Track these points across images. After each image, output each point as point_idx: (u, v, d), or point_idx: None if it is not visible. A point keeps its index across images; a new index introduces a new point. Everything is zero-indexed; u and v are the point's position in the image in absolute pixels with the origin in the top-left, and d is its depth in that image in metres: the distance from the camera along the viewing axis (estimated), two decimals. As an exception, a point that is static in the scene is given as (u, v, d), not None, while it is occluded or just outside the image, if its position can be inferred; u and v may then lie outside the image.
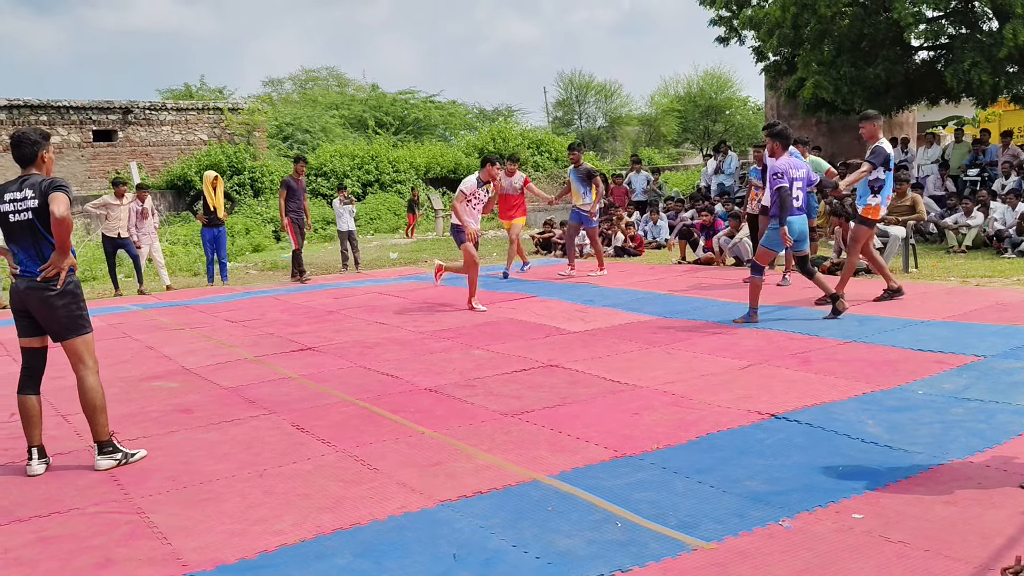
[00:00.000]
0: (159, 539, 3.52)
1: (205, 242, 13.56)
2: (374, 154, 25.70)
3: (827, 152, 17.46)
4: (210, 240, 13.48)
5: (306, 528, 3.53)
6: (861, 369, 5.73)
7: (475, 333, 7.90)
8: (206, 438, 4.95)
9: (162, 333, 8.91)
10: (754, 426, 4.61)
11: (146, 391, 6.26)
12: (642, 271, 12.21)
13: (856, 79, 15.51)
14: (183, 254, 17.27)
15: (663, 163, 34.01)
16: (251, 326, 9.04)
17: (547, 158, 28.63)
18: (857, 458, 4.04)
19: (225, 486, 4.10)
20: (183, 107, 23.55)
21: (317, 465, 4.35)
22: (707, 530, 3.31)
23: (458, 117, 37.46)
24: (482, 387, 5.82)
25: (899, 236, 10.79)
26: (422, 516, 3.61)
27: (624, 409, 5.07)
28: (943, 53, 15.97)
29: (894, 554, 3.03)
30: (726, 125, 41.79)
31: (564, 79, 46.69)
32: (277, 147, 27.57)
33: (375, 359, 6.96)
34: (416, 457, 4.39)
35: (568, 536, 3.33)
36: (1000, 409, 4.65)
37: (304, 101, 34.48)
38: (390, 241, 20.60)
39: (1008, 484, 3.60)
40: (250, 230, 20.38)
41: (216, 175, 13.54)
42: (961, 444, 4.13)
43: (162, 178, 22.06)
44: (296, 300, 11.03)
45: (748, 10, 17.40)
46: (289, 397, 5.83)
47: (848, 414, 4.72)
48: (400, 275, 13.59)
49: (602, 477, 3.94)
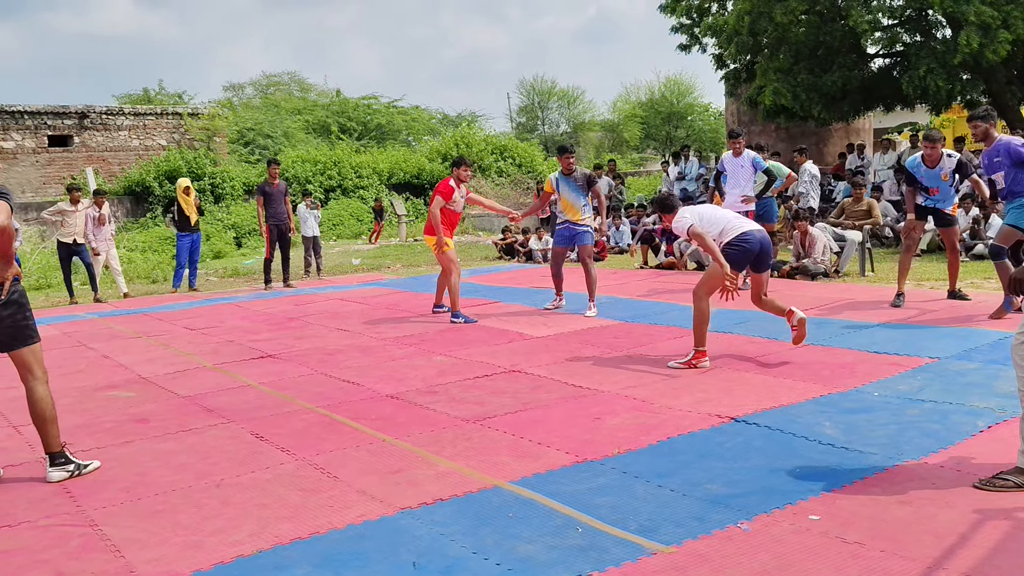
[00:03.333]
0: (112, 552, 3.44)
1: (181, 248, 13.38)
2: (337, 160, 25.55)
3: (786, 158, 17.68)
4: (188, 245, 13.32)
5: (264, 538, 3.48)
6: (819, 372, 5.80)
7: (437, 339, 7.87)
8: (162, 448, 4.87)
9: (118, 342, 8.75)
10: (714, 429, 4.64)
11: (101, 401, 6.14)
12: (604, 276, 12.25)
13: (813, 86, 15.77)
14: (141, 261, 17.01)
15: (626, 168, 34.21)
16: (210, 334, 8.91)
17: (511, 164, 28.65)
18: (815, 460, 4.08)
19: (181, 497, 4.03)
20: (141, 112, 23.21)
21: (276, 474, 4.29)
22: (667, 534, 3.32)
23: (421, 122, 37.37)
24: (444, 393, 5.79)
25: (856, 240, 10.97)
26: (382, 524, 3.57)
27: (586, 414, 5.08)
28: (898, 60, 16.29)
29: (850, 554, 3.07)
30: (688, 131, 42.20)
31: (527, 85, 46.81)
32: (238, 152, 27.27)
33: (336, 366, 6.90)
34: (377, 465, 4.35)
35: (529, 542, 3.32)
36: (954, 410, 4.73)
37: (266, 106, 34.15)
38: (353, 247, 20.47)
39: (962, 484, 3.66)
40: (211, 236, 20.13)
41: (188, 184, 13.40)
42: (916, 445, 4.19)
43: (119, 184, 21.71)
44: (257, 307, 10.91)
45: (708, 18, 17.61)
46: (248, 405, 5.76)
47: (806, 416, 4.78)
48: (363, 281, 13.51)
49: (563, 482, 3.94)
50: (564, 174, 9.07)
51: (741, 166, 9.88)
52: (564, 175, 9.06)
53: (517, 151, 29.55)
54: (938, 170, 7.87)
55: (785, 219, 12.96)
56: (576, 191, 9.00)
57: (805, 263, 10.73)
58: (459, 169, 8.99)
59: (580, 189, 9.00)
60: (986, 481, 3.61)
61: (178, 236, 13.42)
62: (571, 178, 9.01)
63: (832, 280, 10.51)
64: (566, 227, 9.14)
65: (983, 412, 4.64)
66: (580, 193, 9.00)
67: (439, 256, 8.96)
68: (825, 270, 10.70)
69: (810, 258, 10.76)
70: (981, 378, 5.36)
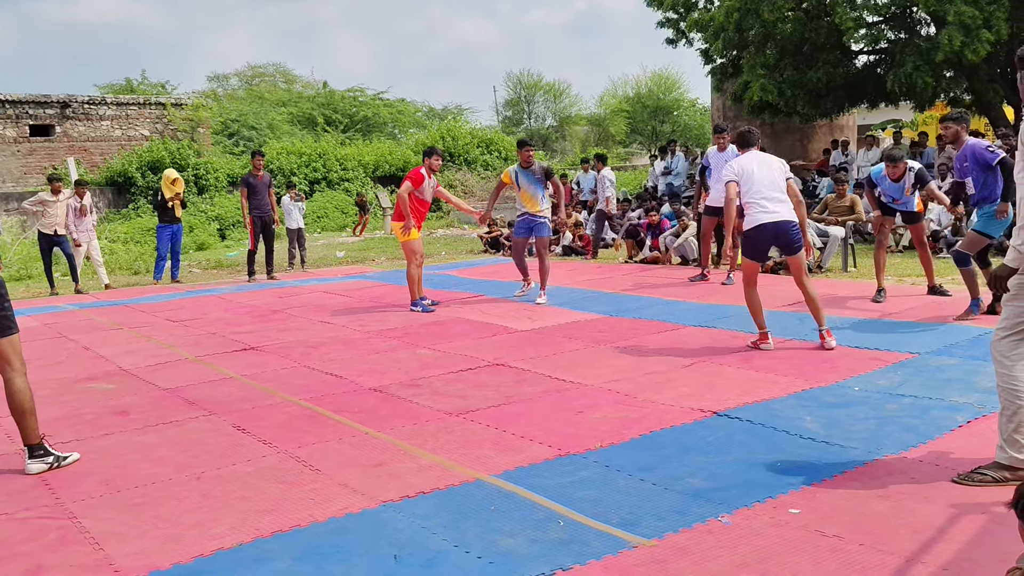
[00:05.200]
0: (91, 545, 3.42)
1: (162, 239, 13.30)
2: (322, 152, 25.42)
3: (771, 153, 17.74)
4: (168, 236, 13.24)
5: (244, 531, 3.46)
6: (801, 366, 5.83)
7: (421, 332, 7.86)
8: (142, 440, 4.84)
9: (99, 333, 8.69)
10: (697, 424, 4.66)
11: (81, 393, 6.10)
12: (589, 270, 12.28)
13: (798, 82, 15.82)
14: (123, 252, 16.88)
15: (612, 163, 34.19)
16: (193, 326, 8.86)
17: (496, 157, 28.60)
18: (795, 454, 4.11)
19: (161, 490, 4.01)
20: (124, 102, 23.00)
21: (257, 467, 4.27)
22: (648, 527, 3.33)
23: (407, 115, 37.26)
24: (427, 386, 5.78)
25: (839, 236, 11.02)
26: (364, 517, 3.57)
27: (569, 408, 5.09)
28: (883, 57, 16.37)
29: (829, 548, 3.09)
30: (674, 126, 42.25)
31: (513, 78, 46.74)
32: (222, 144, 27.09)
33: (319, 359, 6.88)
34: (359, 458, 4.34)
35: (510, 535, 3.32)
36: (933, 405, 4.77)
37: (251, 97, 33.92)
38: (337, 239, 20.40)
39: (940, 479, 3.69)
40: (194, 228, 20.00)
41: (177, 176, 13.31)
42: (895, 439, 4.23)
43: (101, 174, 21.53)
44: (240, 299, 10.85)
45: (695, 13, 17.63)
46: (230, 398, 5.73)
47: (787, 411, 4.80)
48: (347, 274, 13.47)
49: (545, 476, 3.95)
50: (523, 167, 9.30)
51: (726, 161, 9.88)
52: (523, 168, 9.30)
53: (503, 144, 29.50)
54: (901, 184, 7.97)
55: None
56: (535, 184, 9.27)
57: (788, 258, 10.76)
58: (430, 159, 9.08)
59: (539, 182, 9.28)
60: (964, 476, 3.65)
61: (159, 227, 13.35)
62: (530, 171, 9.28)
63: (815, 275, 10.56)
64: (525, 218, 9.43)
65: (962, 407, 4.68)
66: (539, 185, 9.29)
67: (403, 243, 9.08)
68: (808, 265, 10.73)
69: (793, 254, 10.79)
70: (960, 373, 5.40)
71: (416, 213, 9.02)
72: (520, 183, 9.30)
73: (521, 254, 9.73)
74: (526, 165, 9.29)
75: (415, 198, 9.00)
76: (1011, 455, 3.57)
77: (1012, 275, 3.54)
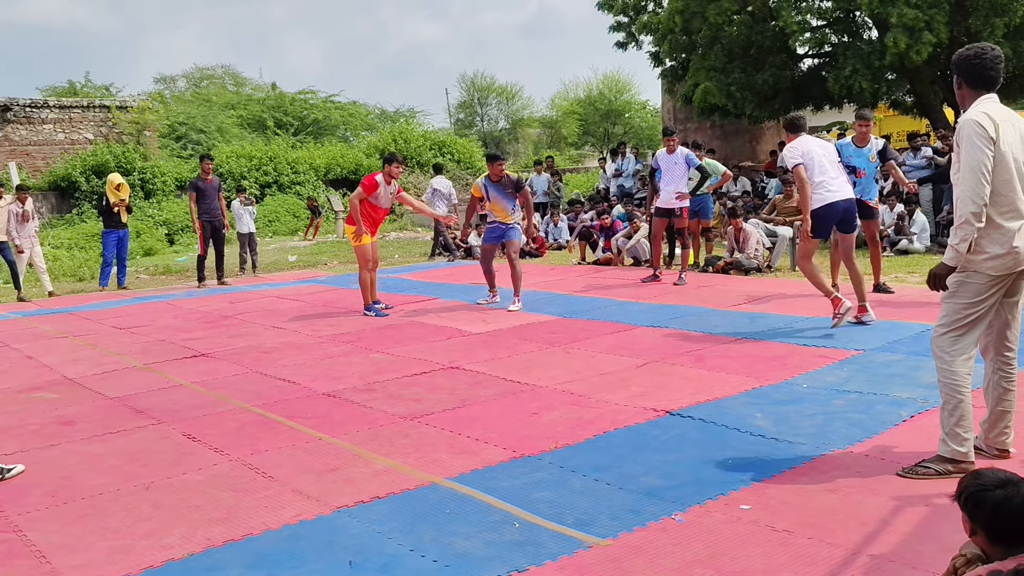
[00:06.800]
0: (37, 558, 3.34)
1: (108, 244, 13.03)
2: (272, 155, 25.09)
3: (721, 155, 18.03)
4: (115, 242, 12.98)
5: (195, 541, 3.41)
6: (751, 365, 5.93)
7: (375, 336, 7.81)
8: (89, 451, 4.73)
9: (43, 342, 8.48)
10: (650, 423, 4.71)
11: (25, 403, 5.94)
12: (543, 272, 12.33)
13: (746, 84, 16.08)
14: (67, 258, 16.48)
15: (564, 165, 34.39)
16: (140, 333, 8.70)
17: (449, 159, 28.54)
18: (746, 451, 4.18)
19: (109, 500, 3.93)
20: (67, 104, 22.45)
21: (209, 475, 4.21)
22: (603, 527, 3.36)
23: (359, 118, 36.95)
24: (381, 391, 5.76)
25: (787, 236, 11.23)
26: (318, 524, 3.54)
27: (523, 409, 5.11)
28: (827, 60, 16.72)
29: (779, 542, 3.15)
30: (625, 128, 42.61)
31: (466, 81, 46.70)
32: (169, 147, 26.57)
33: (271, 364, 6.80)
34: (313, 463, 4.31)
35: (466, 538, 3.32)
36: (878, 400, 4.89)
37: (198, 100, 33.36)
38: (289, 244, 20.17)
39: (885, 472, 3.79)
40: (141, 233, 19.59)
41: (121, 181, 13.05)
42: (842, 434, 4.32)
43: (44, 179, 20.98)
44: (189, 305, 10.68)
45: (644, 16, 17.83)
46: (180, 405, 5.63)
47: (738, 408, 4.88)
48: (299, 278, 13.33)
49: (501, 478, 3.96)
50: (492, 180, 9.14)
51: (675, 163, 10.04)
52: (492, 182, 9.13)
53: (456, 147, 29.43)
54: (866, 150, 8.16)
55: (720, 215, 13.20)
56: (505, 197, 9.14)
57: (739, 258, 10.95)
58: (390, 166, 9.02)
59: (509, 196, 9.14)
60: (908, 469, 3.74)
61: (104, 232, 13.09)
62: (500, 184, 9.11)
63: (764, 275, 10.75)
64: (496, 226, 9.32)
65: (906, 402, 4.81)
66: (509, 199, 9.15)
67: (355, 248, 9.05)
68: (758, 265, 10.93)
69: (744, 253, 10.98)
70: (904, 369, 5.55)
71: (369, 220, 8.95)
72: (490, 195, 9.15)
73: (490, 261, 9.47)
74: (496, 179, 9.11)
75: (368, 204, 8.92)
76: (953, 448, 3.67)
77: (950, 273, 3.65)
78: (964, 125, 3.60)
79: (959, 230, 3.56)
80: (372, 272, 9.11)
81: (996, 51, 3.70)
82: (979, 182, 3.51)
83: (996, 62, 3.67)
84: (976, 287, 3.62)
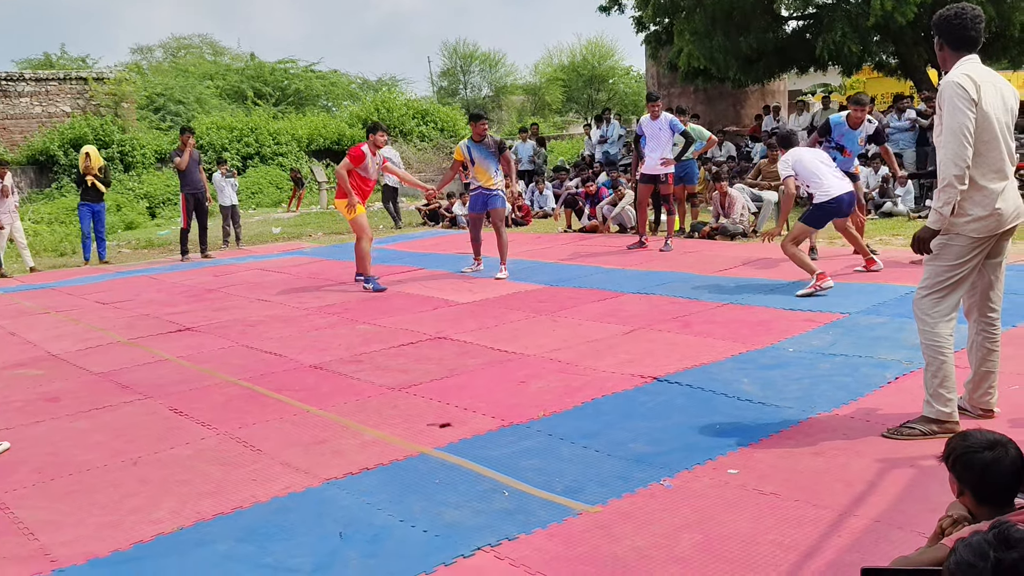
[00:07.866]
0: (25, 535, 3.33)
1: (84, 218, 12.88)
2: (253, 126, 24.81)
3: (705, 120, 17.95)
4: (89, 215, 12.82)
5: (184, 515, 3.41)
6: (737, 330, 5.95)
7: (361, 308, 7.79)
8: (75, 427, 4.71)
9: (25, 318, 8.40)
10: (637, 389, 4.72)
11: (9, 379, 5.90)
12: (528, 240, 12.30)
13: (730, 48, 15.97)
14: (48, 233, 16.31)
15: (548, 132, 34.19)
16: (124, 307, 8.63)
17: (433, 128, 28.34)
18: (733, 416, 4.20)
19: (97, 476, 3.91)
20: (43, 77, 22.07)
21: (197, 449, 4.20)
22: (592, 494, 3.38)
23: (341, 87, 36.53)
24: (369, 362, 5.74)
25: (772, 200, 11.23)
26: (307, 496, 3.54)
27: (511, 378, 5.11)
28: (811, 23, 16.61)
29: (767, 505, 3.17)
30: (609, 94, 42.37)
31: (448, 48, 46.20)
32: (148, 119, 26.21)
33: (258, 337, 6.77)
34: (301, 436, 4.30)
35: (456, 508, 3.33)
36: (863, 363, 4.92)
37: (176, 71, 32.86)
38: (272, 215, 20.03)
39: (870, 434, 3.82)
40: (122, 207, 19.39)
41: (90, 150, 12.84)
42: (828, 398, 4.35)
43: (22, 153, 20.69)
44: (174, 279, 10.60)
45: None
46: (166, 380, 5.60)
47: (725, 374, 4.90)
48: (283, 250, 13.25)
49: (489, 447, 3.96)
50: (475, 141, 9.10)
51: (659, 129, 9.99)
52: (475, 142, 9.09)
53: (439, 115, 29.22)
54: (859, 132, 8.13)
55: (705, 181, 13.18)
56: (488, 157, 9.10)
57: (724, 223, 10.95)
58: (375, 135, 8.87)
59: (492, 156, 9.11)
60: (894, 430, 3.78)
61: (80, 205, 12.96)
62: (482, 144, 9.08)
63: (750, 240, 10.76)
64: (479, 193, 9.28)
65: (891, 364, 4.84)
66: (492, 159, 9.12)
67: (350, 221, 8.92)
68: (744, 230, 10.94)
69: (729, 218, 10.98)
70: (889, 331, 5.58)
71: (359, 191, 8.83)
72: (474, 157, 9.11)
73: (478, 229, 9.49)
74: (479, 139, 9.07)
75: (357, 175, 8.80)
76: (937, 409, 3.70)
77: (934, 236, 3.65)
78: (945, 87, 3.58)
79: (942, 193, 3.55)
80: (370, 242, 8.97)
81: (976, 11, 3.66)
82: (961, 144, 3.50)
83: (976, 22, 3.64)
84: (958, 249, 3.63)
